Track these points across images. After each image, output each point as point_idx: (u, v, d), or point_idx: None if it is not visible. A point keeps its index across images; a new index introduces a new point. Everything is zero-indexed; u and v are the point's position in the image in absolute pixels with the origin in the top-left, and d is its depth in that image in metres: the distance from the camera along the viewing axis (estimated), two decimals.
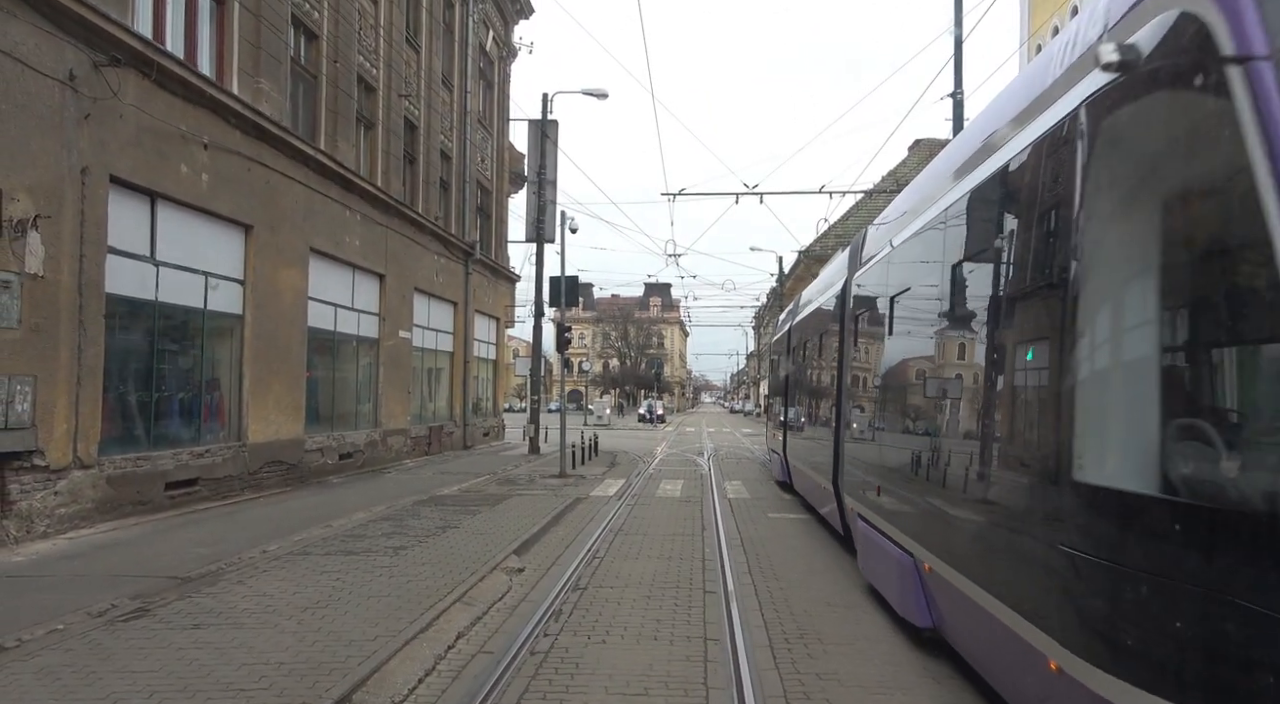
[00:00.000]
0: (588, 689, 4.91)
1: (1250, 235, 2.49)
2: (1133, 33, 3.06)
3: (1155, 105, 3.04)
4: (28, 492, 8.67)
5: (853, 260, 9.49)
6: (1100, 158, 3.33)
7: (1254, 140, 2.47)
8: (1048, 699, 3.55)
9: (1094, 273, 3.30)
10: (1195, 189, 2.88)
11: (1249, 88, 2.51)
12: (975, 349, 4.92)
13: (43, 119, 8.78)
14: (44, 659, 5.02)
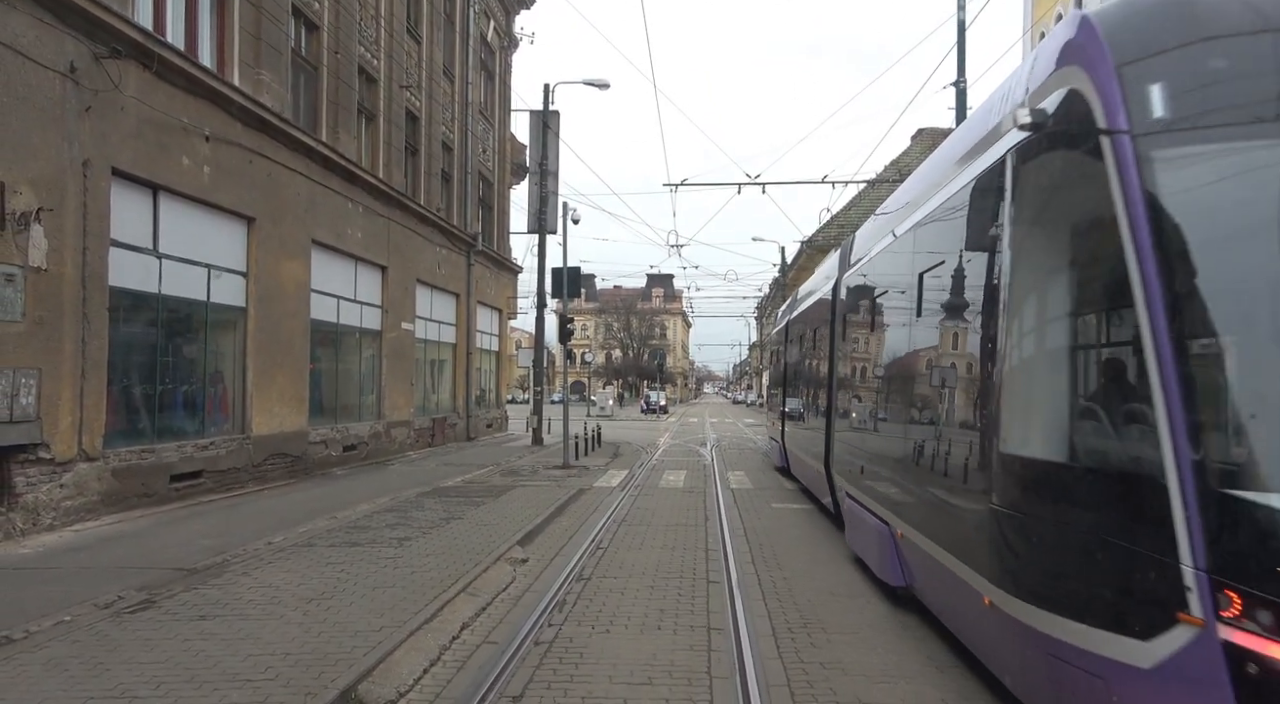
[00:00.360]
0: (592, 678, 4.93)
1: (1115, 261, 3.33)
2: (1042, 101, 3.94)
3: (1056, 158, 3.93)
4: (33, 484, 8.71)
5: (842, 262, 10.15)
6: (1020, 194, 4.20)
7: (1116, 190, 3.34)
8: (983, 629, 4.52)
9: (1014, 288, 4.17)
10: (1081, 223, 3.74)
11: (1114, 152, 3.38)
12: (930, 349, 5.91)
13: (44, 112, 8.77)
14: (52, 651, 5.05)
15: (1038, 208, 4.08)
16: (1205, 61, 3.44)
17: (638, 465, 18.37)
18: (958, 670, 5.19)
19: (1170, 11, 3.59)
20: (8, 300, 8.32)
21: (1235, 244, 3.28)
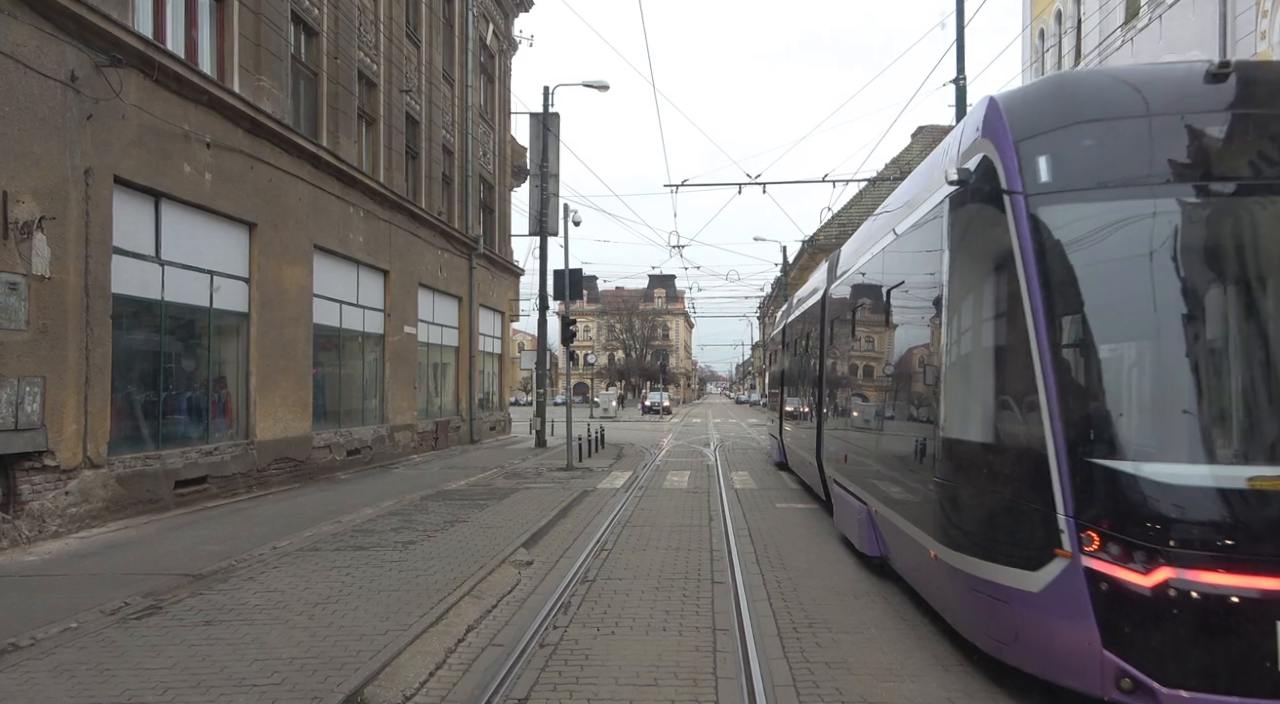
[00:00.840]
0: (598, 680, 4.94)
1: (1014, 287, 4.51)
2: (966, 162, 5.12)
3: (974, 207, 5.06)
4: (39, 492, 8.73)
5: (830, 274, 11.29)
6: (954, 234, 5.32)
7: (1014, 234, 4.54)
8: (931, 578, 5.75)
9: (949, 306, 5.33)
10: (991, 257, 4.82)
11: (1012, 206, 4.57)
12: (892, 355, 7.18)
13: (45, 121, 8.80)
14: (59, 657, 5.07)
15: (964, 243, 5.26)
16: (1076, 140, 4.64)
17: (641, 466, 18.37)
18: (962, 669, 5.19)
19: (1054, 100, 4.84)
20: (11, 309, 8.35)
21: (1094, 275, 4.44)
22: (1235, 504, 4.01)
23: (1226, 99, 4.59)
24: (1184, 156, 4.50)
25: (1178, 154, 4.50)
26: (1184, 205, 4.41)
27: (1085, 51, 21.50)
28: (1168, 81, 4.82)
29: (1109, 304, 4.41)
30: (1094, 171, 4.53)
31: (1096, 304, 4.40)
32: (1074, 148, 4.63)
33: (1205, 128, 4.55)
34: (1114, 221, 4.42)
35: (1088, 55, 21.11)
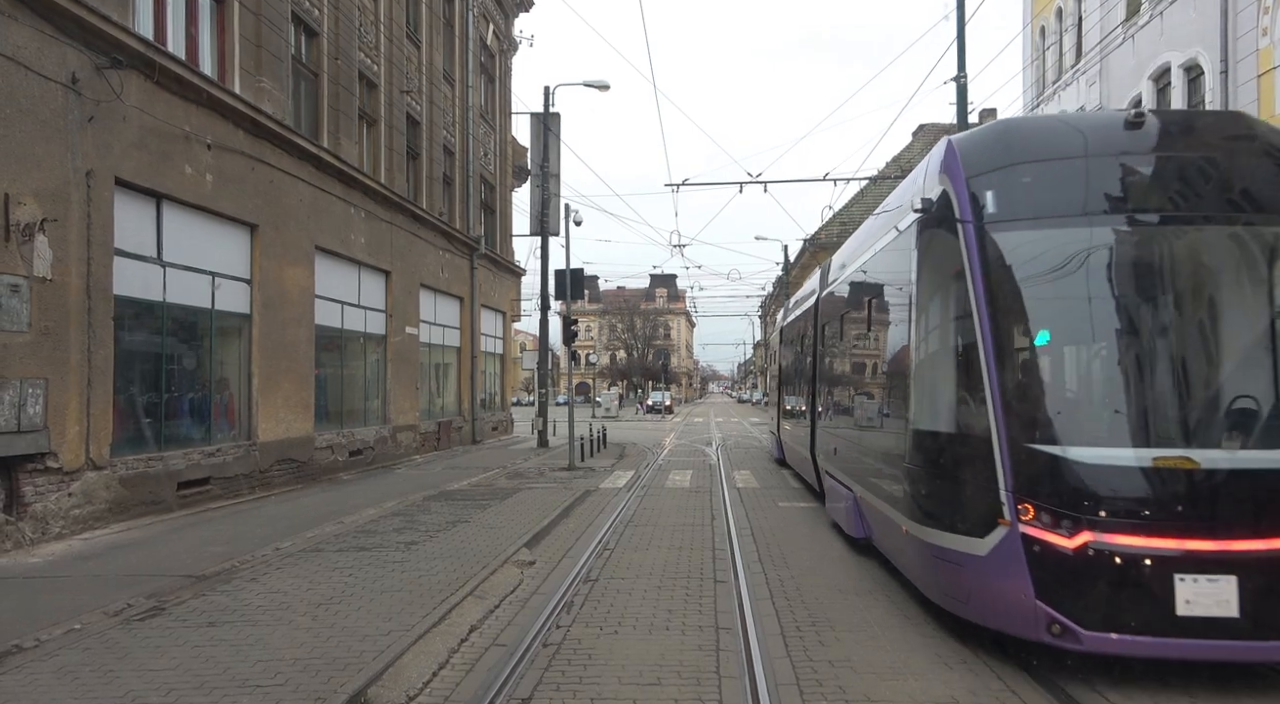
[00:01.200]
0: (601, 680, 4.94)
1: (965, 300, 5.30)
2: (928, 193, 5.97)
3: (935, 231, 5.88)
4: (42, 493, 8.74)
5: (821, 281, 12.06)
6: (920, 253, 6.13)
7: (965, 256, 5.33)
8: (902, 550, 6.56)
9: (917, 314, 6.16)
10: (949, 275, 5.58)
11: (964, 233, 5.37)
12: (874, 356, 8.10)
13: (46, 123, 8.81)
14: (63, 658, 5.07)
15: (926, 262, 6.08)
16: (1016, 178, 5.45)
17: (643, 466, 18.37)
18: (965, 668, 5.18)
19: (998, 144, 5.71)
20: (14, 311, 8.36)
21: (1031, 291, 5.25)
22: (1142, 479, 4.82)
23: (1141, 143, 5.44)
24: (1105, 192, 5.34)
25: (1100, 190, 5.34)
26: (1104, 233, 5.25)
27: (1086, 48, 21.47)
28: (1093, 127, 5.74)
29: (1042, 315, 5.29)
30: (1030, 204, 5.37)
31: (1032, 316, 5.30)
32: (1014, 184, 5.45)
33: (1122, 167, 5.39)
34: (1047, 246, 5.26)
35: (1088, 52, 21.09)
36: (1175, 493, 4.74)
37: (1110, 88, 20.53)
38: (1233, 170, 5.37)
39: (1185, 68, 17.49)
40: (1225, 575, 4.59)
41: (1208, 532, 4.65)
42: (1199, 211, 5.31)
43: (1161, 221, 5.25)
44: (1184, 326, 5.18)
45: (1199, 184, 5.35)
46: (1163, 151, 5.47)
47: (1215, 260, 5.28)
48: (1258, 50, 14.98)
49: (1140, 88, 19.16)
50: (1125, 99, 19.80)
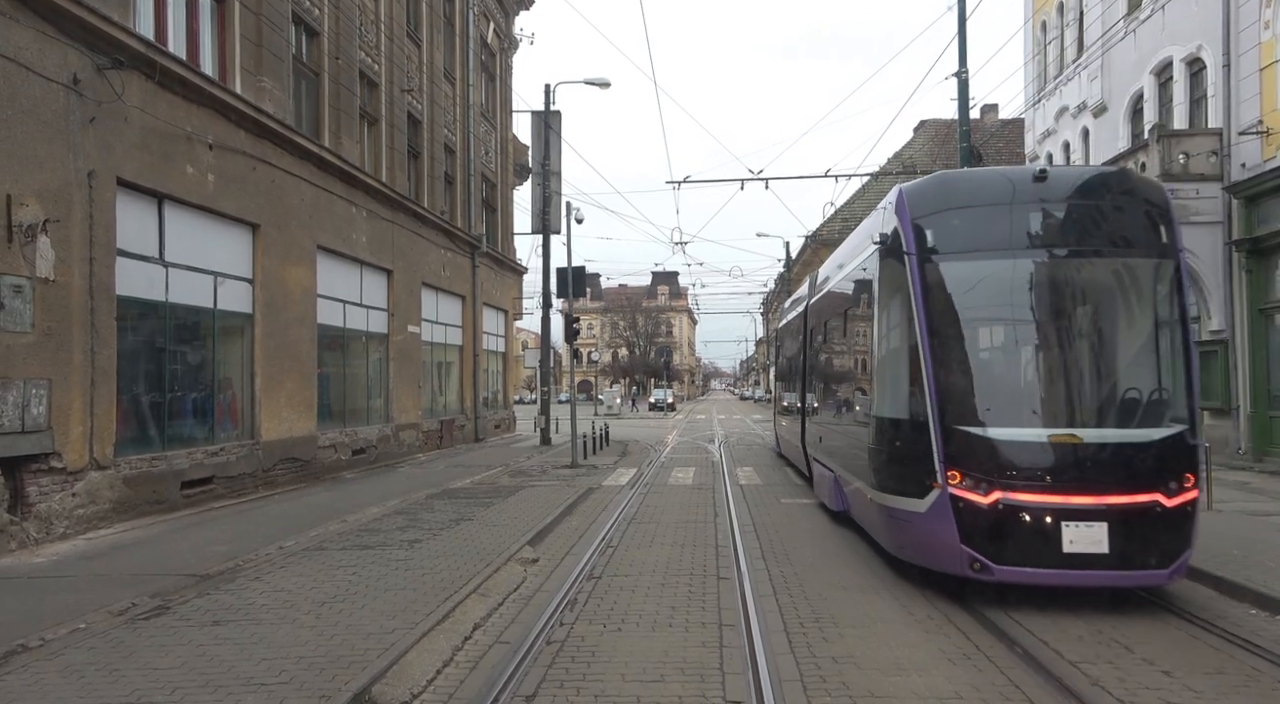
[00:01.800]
0: (605, 677, 4.95)
1: (910, 314, 6.70)
2: (884, 229, 7.47)
3: (888, 260, 7.36)
4: (46, 493, 8.76)
5: (810, 289, 13.70)
6: (878, 277, 7.68)
7: (909, 282, 6.79)
8: (867, 513, 8.16)
9: (878, 325, 7.70)
10: (899, 294, 7.01)
11: (908, 263, 6.81)
12: (850, 358, 9.74)
13: (48, 123, 8.82)
14: (68, 658, 5.09)
15: (883, 284, 7.61)
16: (948, 220, 6.92)
17: (646, 463, 18.38)
18: (969, 663, 5.19)
19: (936, 192, 7.18)
20: (16, 312, 8.37)
21: (957, 308, 6.76)
22: (1039, 452, 6.32)
23: (1045, 194, 6.87)
24: (1016, 232, 6.80)
25: (1012, 230, 6.79)
26: (1014, 264, 6.75)
27: (1087, 43, 21.41)
28: (1008, 180, 7.12)
29: (968, 328, 6.85)
30: (959, 240, 6.89)
31: (960, 328, 6.81)
32: (947, 225, 6.92)
33: (1030, 213, 6.85)
34: (971, 273, 6.81)
35: (1090, 47, 21.03)
36: (1063, 461, 6.28)
37: (1112, 82, 20.48)
38: (1114, 217, 6.89)
39: (1187, 62, 17.44)
40: (1099, 522, 6.10)
41: (1086, 490, 6.16)
42: (1087, 248, 6.81)
43: (1058, 255, 6.79)
44: (1073, 336, 6.78)
45: (1088, 226, 6.84)
46: (1061, 201, 6.89)
47: (1097, 285, 6.81)
48: (1260, 44, 14.94)
49: (1142, 82, 19.11)
50: (1127, 94, 19.75)
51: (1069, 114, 22.87)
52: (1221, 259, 15.94)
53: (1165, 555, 6.16)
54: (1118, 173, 7.44)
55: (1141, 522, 6.14)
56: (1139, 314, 6.86)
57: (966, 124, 17.53)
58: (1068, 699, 4.62)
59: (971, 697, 4.65)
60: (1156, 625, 6.00)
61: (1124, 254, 6.86)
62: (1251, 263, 15.47)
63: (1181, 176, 15.93)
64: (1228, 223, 15.83)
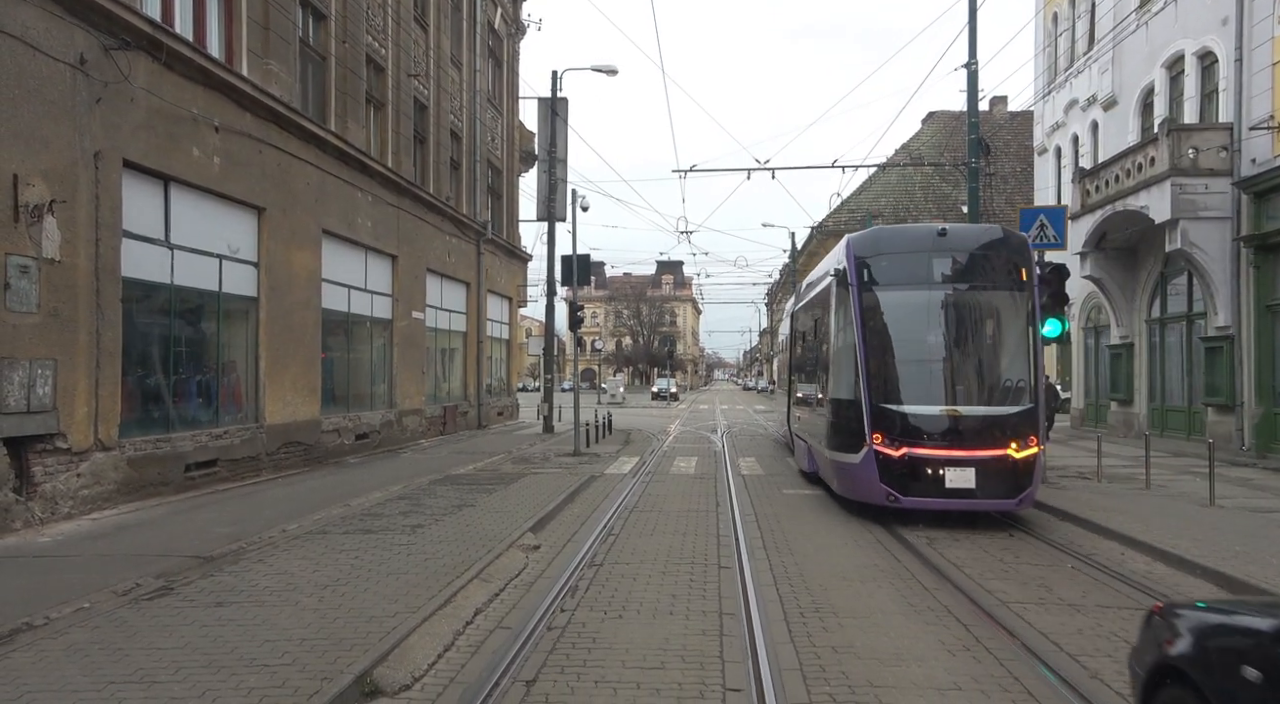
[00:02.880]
0: (605, 663, 4.97)
1: (851, 325, 9.97)
2: (838, 265, 10.58)
3: (839, 287, 10.46)
4: (51, 474, 8.80)
5: (796, 298, 17.07)
6: (834, 298, 10.72)
7: (852, 304, 9.95)
8: (825, 468, 11.20)
9: (833, 331, 10.85)
10: (846, 313, 10.21)
11: (851, 291, 9.98)
12: (814, 356, 12.90)
13: (54, 104, 8.81)
14: (73, 637, 5.12)
15: (837, 303, 10.48)
16: (878, 262, 9.86)
17: (648, 452, 18.40)
18: (969, 654, 5.20)
19: (871, 241, 10.25)
20: (23, 292, 8.38)
21: (882, 323, 9.69)
22: (932, 421, 9.24)
23: (943, 244, 9.86)
24: (922, 270, 9.80)
25: (919, 269, 9.82)
26: (919, 293, 9.74)
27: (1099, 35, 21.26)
28: (920, 234, 10.34)
29: (888, 337, 9.78)
30: (884, 276, 9.87)
31: (883, 336, 9.75)
32: (878, 265, 9.91)
33: (930, 258, 9.80)
34: (892, 299, 9.81)
35: (1101, 39, 20.88)
36: (948, 428, 9.24)
37: (1122, 75, 20.34)
38: (991, 261, 9.89)
39: (1199, 55, 17.31)
40: (970, 468, 9.08)
41: (962, 447, 9.13)
42: (971, 283, 9.82)
43: (952, 288, 9.80)
44: (959, 343, 9.81)
45: (973, 268, 9.86)
46: (956, 250, 9.90)
47: (977, 309, 9.85)
48: (1273, 38, 14.82)
49: (1153, 75, 18.97)
50: (1138, 87, 19.61)
51: (1079, 107, 22.73)
52: (1229, 255, 15.87)
53: (1014, 489, 9.12)
54: (996, 230, 10.42)
55: (998, 467, 9.09)
56: (1004, 329, 9.85)
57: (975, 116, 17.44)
58: (1069, 692, 4.63)
59: (970, 688, 4.66)
60: None
61: (996, 288, 9.84)
62: (1260, 259, 15.40)
63: (1191, 171, 15.85)
64: (1236, 219, 15.74)
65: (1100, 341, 22.41)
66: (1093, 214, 19.19)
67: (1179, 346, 18.60)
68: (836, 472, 10.52)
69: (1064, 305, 12.08)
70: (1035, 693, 4.59)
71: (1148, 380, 19.80)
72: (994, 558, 7.90)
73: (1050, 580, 7.06)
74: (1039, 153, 26.29)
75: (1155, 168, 16.44)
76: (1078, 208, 19.86)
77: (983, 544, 8.53)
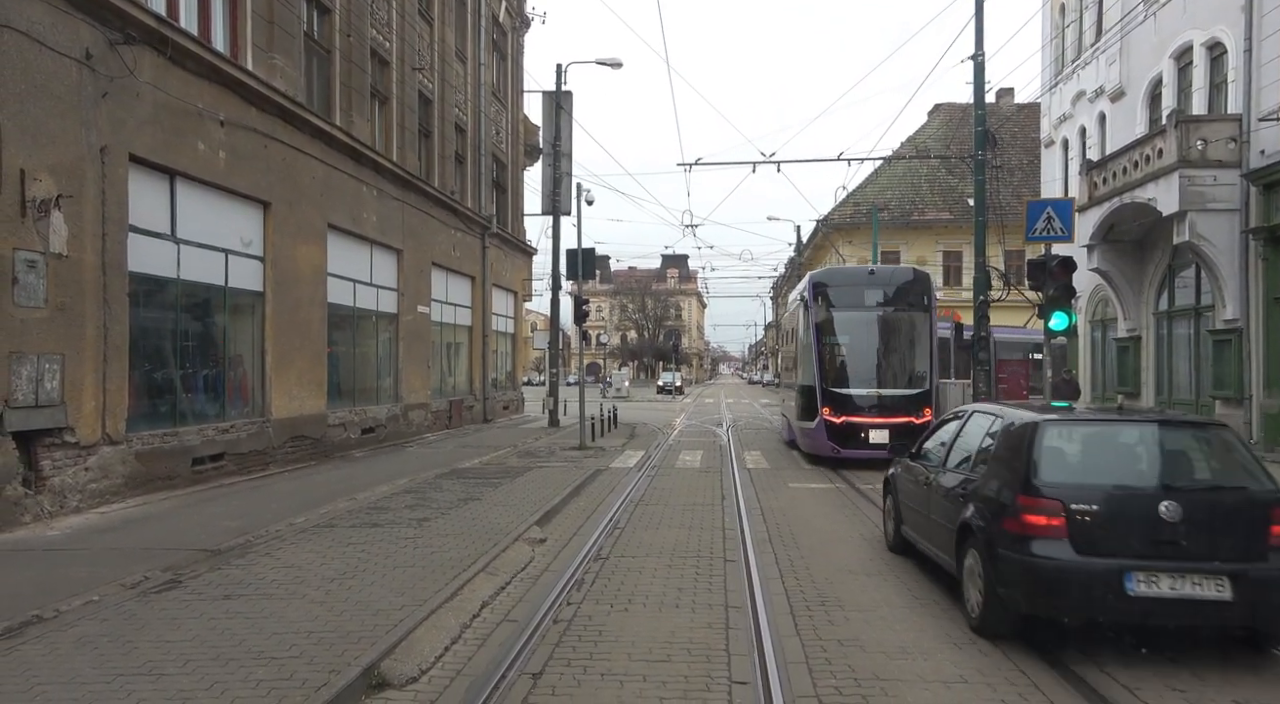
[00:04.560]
0: (611, 655, 4.98)
1: (810, 335, 15.64)
2: (803, 293, 16.50)
3: (803, 307, 16.25)
4: (59, 467, 8.84)
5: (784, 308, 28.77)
6: (801, 315, 16.56)
7: (810, 320, 15.66)
8: (798, 436, 16.91)
9: (800, 336, 16.68)
10: (805, 326, 15.99)
11: (810, 310, 15.68)
12: (792, 352, 19.04)
13: (61, 99, 8.82)
14: (82, 629, 5.15)
15: (804, 317, 15.96)
16: (827, 291, 15.57)
17: (654, 446, 18.42)
18: (974, 648, 5.20)
19: (825, 276, 16.62)
20: (30, 287, 8.41)
21: (829, 330, 15.26)
22: (863, 399, 14.62)
23: (873, 280, 15.50)
24: (856, 298, 15.14)
25: (852, 296, 15.17)
26: (854, 313, 15.08)
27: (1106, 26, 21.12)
28: (856, 272, 17.44)
29: (833, 341, 15.11)
30: (832, 300, 15.24)
31: (831, 342, 15.11)
32: (827, 293, 15.30)
33: (863, 289, 15.20)
34: (836, 316, 15.11)
35: (1109, 30, 20.75)
36: (872, 403, 14.51)
37: (1130, 66, 20.22)
38: (904, 291, 15.08)
39: (1208, 46, 17.19)
40: (886, 430, 14.17)
41: (882, 416, 14.35)
42: (890, 306, 14.94)
43: (877, 310, 14.96)
44: (881, 347, 15.04)
45: (892, 296, 14.95)
46: (879, 283, 15.21)
47: (894, 324, 15.04)
48: None
49: (1161, 66, 18.85)
50: (1146, 78, 19.50)
51: (1086, 98, 22.60)
52: (1238, 247, 15.77)
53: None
54: (908, 270, 16.41)
55: (905, 429, 13.69)
56: (912, 337, 15.08)
57: (982, 108, 17.36)
58: (1075, 685, 4.62)
59: (976, 681, 4.66)
60: None
61: (907, 310, 15.09)
62: (1268, 251, 15.30)
63: (1199, 163, 15.74)
64: (1245, 210, 15.64)
65: (1107, 335, 22.33)
66: (1100, 206, 19.10)
67: (1187, 340, 18.51)
68: (801, 434, 16.12)
69: (1071, 298, 12.03)
70: (1042, 686, 4.59)
71: (1155, 374, 19.73)
72: None
73: None
74: (1046, 145, 26.17)
75: (1163, 160, 16.34)
76: (1085, 200, 19.76)
77: None
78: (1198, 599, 4.75)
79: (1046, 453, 5.31)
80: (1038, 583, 4.98)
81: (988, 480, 5.68)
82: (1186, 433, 5.75)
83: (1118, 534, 4.92)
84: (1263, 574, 4.79)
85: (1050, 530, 4.98)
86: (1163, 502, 4.86)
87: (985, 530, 5.41)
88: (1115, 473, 5.34)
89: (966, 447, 6.39)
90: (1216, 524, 4.92)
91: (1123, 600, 4.78)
